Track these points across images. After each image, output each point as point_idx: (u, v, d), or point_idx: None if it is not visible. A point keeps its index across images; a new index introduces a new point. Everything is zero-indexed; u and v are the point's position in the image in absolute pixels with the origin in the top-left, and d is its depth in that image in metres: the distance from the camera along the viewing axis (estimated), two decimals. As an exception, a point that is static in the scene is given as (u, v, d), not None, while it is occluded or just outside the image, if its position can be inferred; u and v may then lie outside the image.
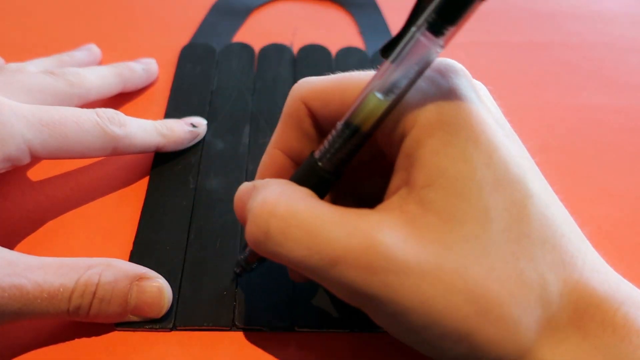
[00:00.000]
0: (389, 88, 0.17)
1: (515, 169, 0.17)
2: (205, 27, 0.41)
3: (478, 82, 0.20)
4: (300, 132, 0.22)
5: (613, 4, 0.45)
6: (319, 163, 0.19)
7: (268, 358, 0.23)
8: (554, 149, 0.33)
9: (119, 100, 0.34)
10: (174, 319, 0.24)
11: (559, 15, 0.43)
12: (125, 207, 0.28)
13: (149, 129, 0.28)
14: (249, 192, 0.20)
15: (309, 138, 0.22)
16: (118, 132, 0.26)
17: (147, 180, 0.29)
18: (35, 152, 0.24)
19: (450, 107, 0.18)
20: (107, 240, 0.27)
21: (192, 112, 0.33)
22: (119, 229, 0.27)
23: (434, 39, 0.16)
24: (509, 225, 0.17)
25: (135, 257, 0.26)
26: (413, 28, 0.17)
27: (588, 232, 0.19)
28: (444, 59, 0.19)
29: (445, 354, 0.17)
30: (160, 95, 0.35)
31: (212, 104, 0.34)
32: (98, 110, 0.26)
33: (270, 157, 0.22)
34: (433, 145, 0.17)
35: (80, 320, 0.22)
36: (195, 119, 0.31)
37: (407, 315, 0.17)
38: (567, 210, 0.19)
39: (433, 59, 0.17)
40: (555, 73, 0.38)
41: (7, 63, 0.32)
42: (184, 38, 0.39)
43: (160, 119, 0.30)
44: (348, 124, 0.18)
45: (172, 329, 0.23)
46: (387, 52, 0.17)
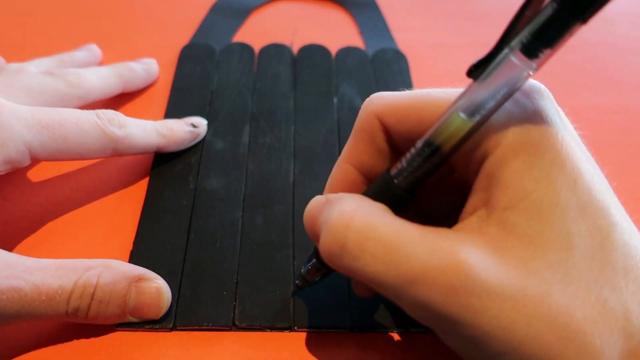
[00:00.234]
0: (475, 109, 0.17)
1: (599, 196, 0.17)
2: (205, 27, 0.41)
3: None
4: (373, 147, 0.21)
5: (614, 4, 0.45)
6: (395, 180, 0.19)
7: (268, 358, 0.23)
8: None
9: (119, 101, 0.34)
10: (174, 319, 0.24)
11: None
12: (125, 207, 0.28)
13: (149, 130, 0.28)
14: (322, 205, 0.19)
15: (382, 154, 0.21)
16: (118, 133, 0.26)
17: (147, 181, 0.29)
18: (35, 154, 0.24)
19: (535, 129, 0.17)
20: (107, 241, 0.27)
21: (192, 112, 0.33)
22: (119, 229, 0.27)
23: (527, 61, 0.16)
24: (593, 253, 0.16)
25: (135, 257, 0.26)
26: (506, 49, 0.16)
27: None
28: (528, 80, 0.19)
29: None
30: (160, 95, 0.35)
31: (212, 104, 0.34)
32: (98, 112, 0.26)
33: (341, 171, 0.22)
34: (517, 167, 0.17)
35: (79, 322, 0.22)
36: (196, 119, 0.31)
37: (486, 341, 0.16)
38: None
39: (523, 82, 0.17)
40: (556, 73, 0.38)
41: (7, 63, 0.32)
42: (184, 38, 0.39)
43: (161, 119, 0.30)
44: (429, 143, 0.18)
45: (172, 329, 0.23)
46: (474, 72, 0.17)
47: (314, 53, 0.38)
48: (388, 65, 0.37)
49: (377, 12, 0.43)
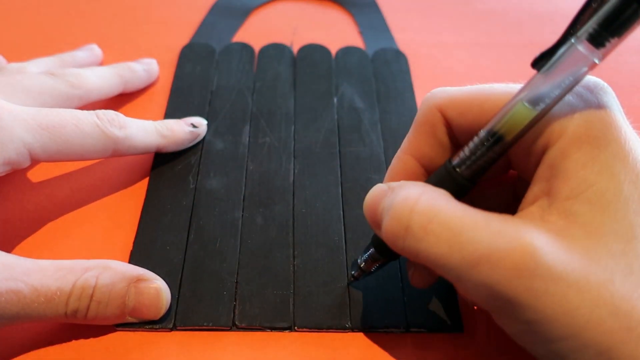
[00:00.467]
0: (538, 99, 0.17)
1: None
2: (205, 27, 0.41)
3: None
4: (434, 139, 0.22)
5: None
6: (457, 169, 0.20)
7: (268, 358, 0.23)
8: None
9: (119, 101, 0.34)
10: (174, 319, 0.24)
11: (559, 16, 0.43)
12: (125, 207, 0.28)
13: (149, 130, 0.28)
14: (384, 193, 0.20)
15: (442, 146, 0.22)
16: (118, 134, 0.26)
17: (147, 181, 0.30)
18: (35, 155, 0.24)
19: (599, 122, 0.18)
20: (107, 241, 0.27)
21: (192, 112, 0.33)
22: (119, 229, 0.27)
23: (594, 51, 0.16)
24: None
25: (136, 257, 0.26)
26: (572, 39, 0.17)
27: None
28: (592, 77, 0.19)
29: None
30: (160, 95, 0.35)
31: (212, 104, 0.34)
32: (98, 112, 0.26)
33: (402, 162, 0.22)
34: (580, 158, 0.17)
35: (78, 323, 0.22)
36: (196, 119, 0.31)
37: (546, 324, 0.16)
38: None
39: (586, 72, 0.17)
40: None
41: (8, 63, 0.32)
42: (184, 38, 0.39)
43: (161, 119, 0.30)
44: (492, 132, 0.19)
45: (172, 329, 0.23)
46: (538, 63, 0.18)
47: (314, 53, 0.38)
48: (388, 65, 0.37)
49: (377, 11, 0.43)
